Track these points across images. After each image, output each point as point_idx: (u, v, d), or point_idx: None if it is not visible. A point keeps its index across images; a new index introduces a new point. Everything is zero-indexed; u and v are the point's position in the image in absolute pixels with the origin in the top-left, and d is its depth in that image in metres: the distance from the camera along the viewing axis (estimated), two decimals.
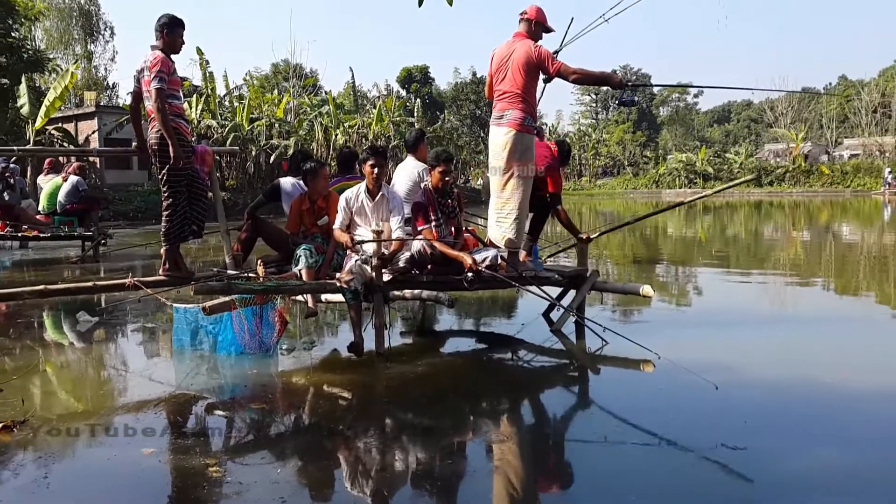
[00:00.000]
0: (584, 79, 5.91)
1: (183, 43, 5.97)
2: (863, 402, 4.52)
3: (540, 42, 5.92)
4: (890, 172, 46.48)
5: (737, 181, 10.02)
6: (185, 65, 46.49)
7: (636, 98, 6.76)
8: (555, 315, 6.79)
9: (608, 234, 10.16)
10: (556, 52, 6.05)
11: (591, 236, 7.00)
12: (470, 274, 5.68)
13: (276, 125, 33.09)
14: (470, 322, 7.36)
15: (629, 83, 6.15)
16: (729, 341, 6.28)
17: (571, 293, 6.78)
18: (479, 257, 5.82)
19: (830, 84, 79.98)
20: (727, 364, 5.34)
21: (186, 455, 3.54)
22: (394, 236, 5.78)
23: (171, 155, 5.64)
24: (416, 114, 42.88)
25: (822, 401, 4.56)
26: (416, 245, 5.76)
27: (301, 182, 6.57)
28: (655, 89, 78.62)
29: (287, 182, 6.72)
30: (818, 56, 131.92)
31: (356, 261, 5.58)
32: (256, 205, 6.94)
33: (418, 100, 48.70)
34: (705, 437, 3.83)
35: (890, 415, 4.28)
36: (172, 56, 5.89)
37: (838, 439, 3.86)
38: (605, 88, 76.84)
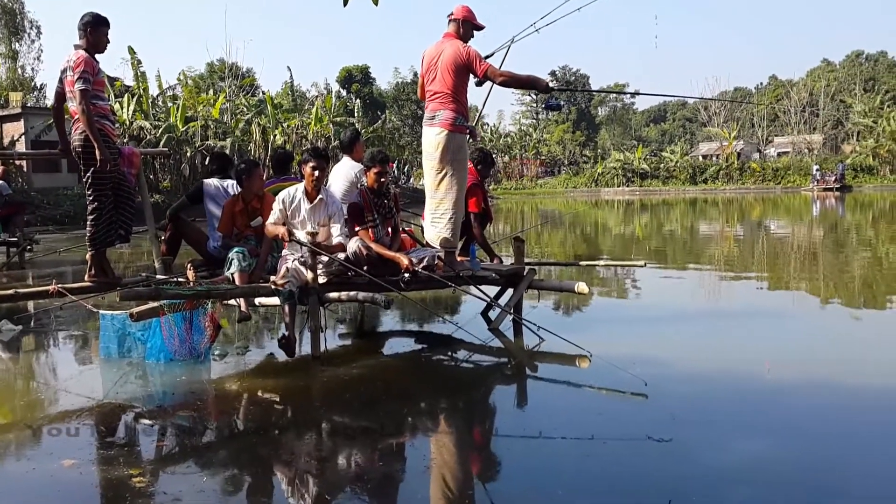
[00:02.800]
0: (512, 82, 5.95)
1: (108, 42, 5.80)
2: (787, 393, 4.65)
3: (470, 42, 5.94)
4: (818, 169, 48.28)
5: (627, 262, 10.50)
6: (115, 64, 45.28)
7: (562, 103, 6.86)
8: (493, 314, 6.82)
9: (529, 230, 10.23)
10: (488, 57, 6.08)
11: (503, 259, 7.09)
12: (406, 275, 5.67)
13: (212, 126, 32.43)
14: (409, 322, 7.34)
15: (555, 87, 6.22)
16: (661, 337, 6.40)
17: (510, 291, 6.82)
18: (415, 258, 5.81)
19: (762, 84, 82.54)
20: (658, 359, 5.46)
21: (109, 466, 3.42)
22: (334, 240, 5.72)
23: (97, 158, 5.47)
24: (356, 114, 42.63)
25: (748, 393, 4.68)
26: (352, 246, 5.71)
27: (224, 184, 6.46)
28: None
29: (211, 184, 6.57)
30: (750, 56, 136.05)
31: (294, 262, 5.50)
32: (179, 206, 6.79)
33: (358, 100, 48.49)
34: (633, 430, 3.90)
35: (812, 405, 4.41)
36: (97, 55, 5.72)
37: (763, 430, 3.96)
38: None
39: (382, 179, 5.96)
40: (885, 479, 3.31)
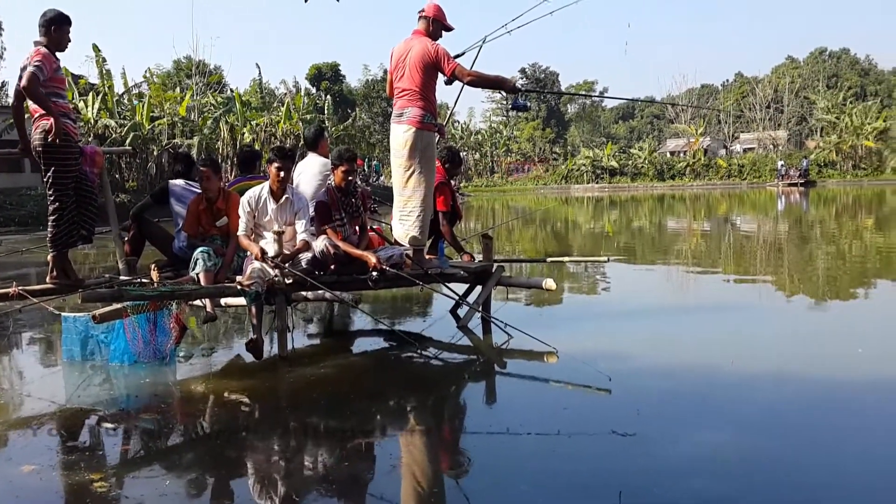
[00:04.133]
0: (479, 82, 5.96)
1: (69, 41, 5.69)
2: (749, 388, 4.72)
3: (439, 41, 5.93)
4: (783, 165, 49.10)
5: (591, 258, 10.48)
6: (80, 62, 44.34)
7: (528, 103, 6.86)
8: (463, 311, 6.83)
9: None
10: (458, 56, 6.08)
11: (475, 256, 7.10)
12: (374, 273, 5.65)
13: (179, 124, 32.00)
14: (379, 321, 7.31)
15: (522, 88, 6.24)
16: (627, 332, 6.47)
17: (479, 289, 6.83)
18: (383, 255, 5.79)
19: (728, 81, 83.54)
20: (624, 354, 5.51)
21: (70, 471, 3.37)
22: (299, 238, 5.68)
23: (52, 129, 5.32)
24: (326, 111, 42.35)
25: (711, 387, 4.75)
26: (319, 245, 5.67)
27: (192, 184, 6.38)
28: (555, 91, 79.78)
29: (177, 184, 6.49)
30: (716, 53, 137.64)
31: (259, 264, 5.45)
32: (143, 206, 6.69)
33: (328, 97, 48.16)
34: (598, 425, 3.94)
35: (775, 399, 4.47)
36: (58, 54, 5.60)
37: (724, 424, 4.02)
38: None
39: (350, 178, 5.93)
40: (842, 470, 3.38)
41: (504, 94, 78.34)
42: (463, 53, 6.35)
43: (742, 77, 77.45)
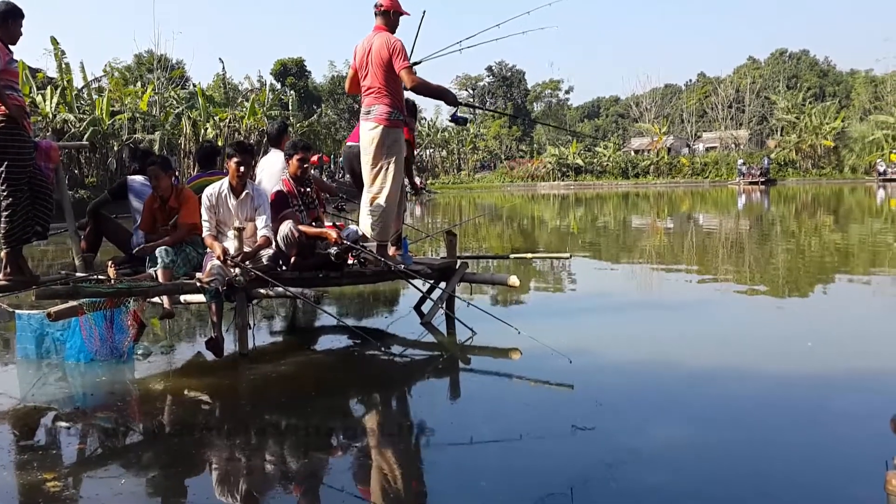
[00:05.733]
0: (422, 89, 5.95)
1: (21, 34, 5.56)
2: (708, 383, 4.79)
3: (398, 36, 5.92)
4: (743, 163, 49.93)
5: (554, 255, 10.53)
6: (38, 55, 43.48)
7: (469, 117, 6.94)
8: (427, 308, 6.83)
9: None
10: (416, 65, 6.08)
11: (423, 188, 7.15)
12: (334, 248, 5.63)
13: (140, 119, 31.48)
14: (344, 317, 7.28)
15: (462, 102, 6.26)
16: (589, 327, 6.54)
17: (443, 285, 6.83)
18: (342, 234, 5.82)
19: (691, 81, 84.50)
20: (586, 349, 5.55)
21: (22, 471, 3.30)
22: (259, 234, 5.62)
23: (7, 111, 5.19)
24: (291, 107, 42.01)
25: (671, 382, 4.81)
26: (283, 230, 5.60)
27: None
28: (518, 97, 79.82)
29: (136, 180, 6.37)
30: (679, 53, 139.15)
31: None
32: (100, 202, 6.55)
33: (293, 93, 47.77)
34: (559, 419, 3.97)
35: (733, 394, 4.53)
36: (11, 47, 5.47)
37: (683, 418, 4.08)
38: (482, 83, 79.27)
39: (305, 166, 5.91)
40: (798, 462, 3.45)
41: (471, 89, 78.47)
42: (419, 62, 6.36)
43: (705, 77, 78.45)
